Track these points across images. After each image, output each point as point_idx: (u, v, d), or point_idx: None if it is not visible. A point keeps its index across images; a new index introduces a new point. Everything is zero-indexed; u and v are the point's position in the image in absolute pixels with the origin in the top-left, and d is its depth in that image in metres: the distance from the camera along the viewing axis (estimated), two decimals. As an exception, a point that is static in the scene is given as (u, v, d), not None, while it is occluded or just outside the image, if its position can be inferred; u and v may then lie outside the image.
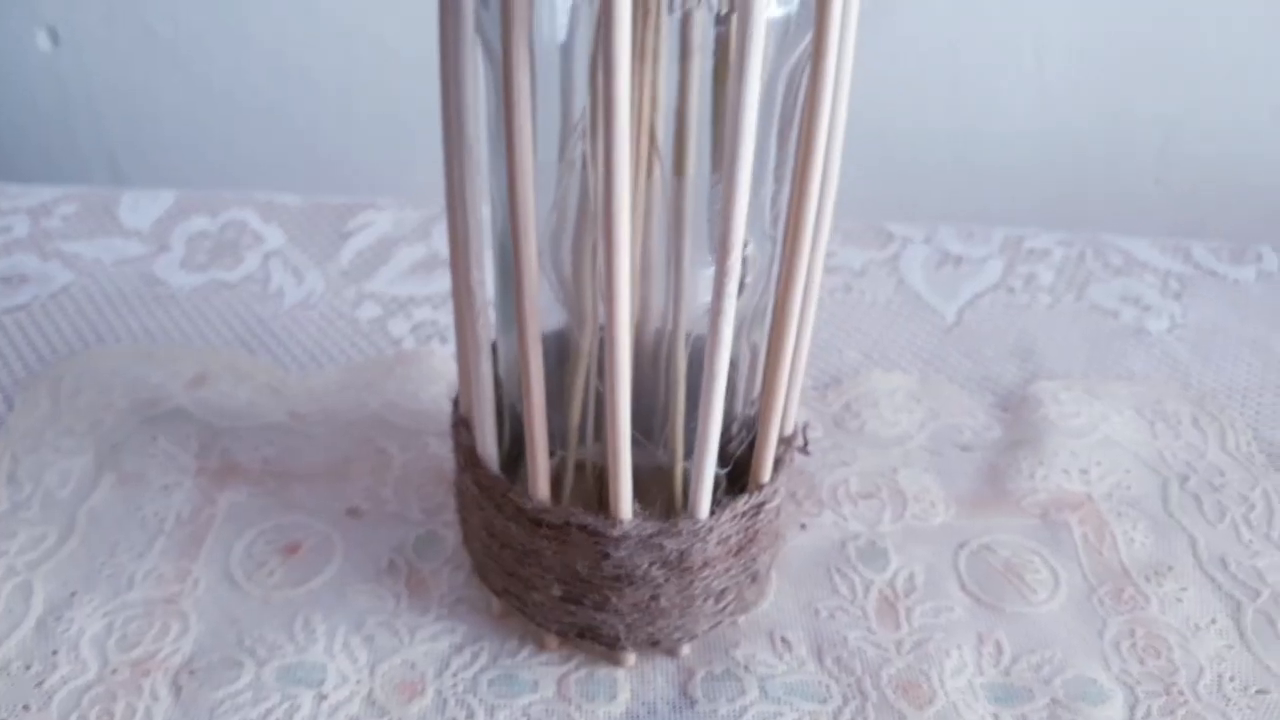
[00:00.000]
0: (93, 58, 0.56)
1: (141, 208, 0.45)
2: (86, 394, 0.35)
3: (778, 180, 0.24)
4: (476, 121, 0.22)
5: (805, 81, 0.21)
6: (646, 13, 0.19)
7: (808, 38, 0.21)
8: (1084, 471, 0.34)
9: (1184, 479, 0.34)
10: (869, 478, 0.34)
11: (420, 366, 0.37)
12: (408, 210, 0.46)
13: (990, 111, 0.53)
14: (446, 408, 0.35)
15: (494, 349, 0.27)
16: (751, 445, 0.26)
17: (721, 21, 0.20)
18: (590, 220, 0.23)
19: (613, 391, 0.22)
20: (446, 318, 0.40)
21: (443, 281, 0.42)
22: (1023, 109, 0.53)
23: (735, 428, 0.27)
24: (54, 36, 0.56)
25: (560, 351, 0.26)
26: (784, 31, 0.21)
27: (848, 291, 0.43)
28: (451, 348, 0.38)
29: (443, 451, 0.33)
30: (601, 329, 0.22)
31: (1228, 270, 0.45)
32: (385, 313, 0.40)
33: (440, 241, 0.44)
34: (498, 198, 0.24)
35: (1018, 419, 0.36)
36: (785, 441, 0.27)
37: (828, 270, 0.44)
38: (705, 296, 0.22)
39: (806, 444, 0.28)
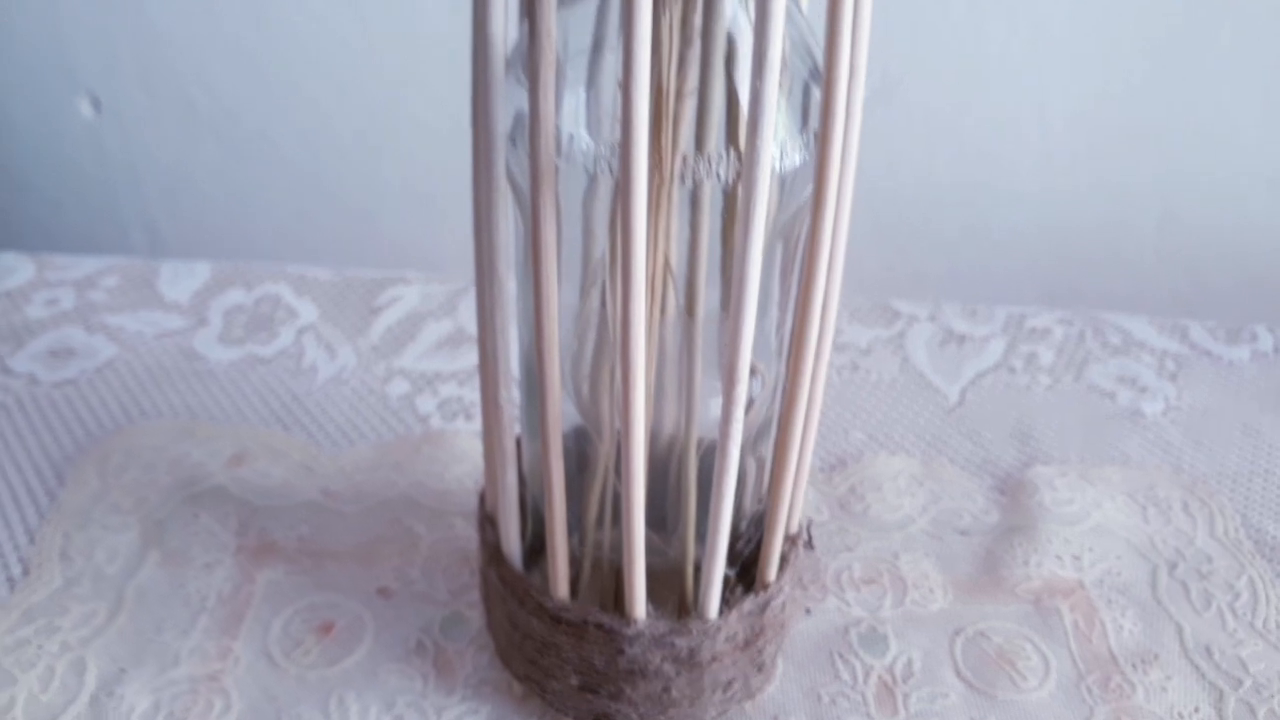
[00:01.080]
0: (133, 124, 0.59)
1: (180, 280, 0.47)
2: (132, 471, 0.37)
3: (781, 309, 0.25)
4: (507, 260, 0.24)
5: (805, 229, 0.23)
6: (661, 183, 0.21)
7: (808, 190, 0.23)
8: (1076, 558, 0.36)
9: (1173, 566, 0.36)
10: (871, 563, 0.35)
11: (446, 447, 0.39)
12: (434, 285, 0.48)
13: (995, 183, 0.55)
14: (471, 487, 0.37)
15: (518, 443, 0.29)
16: (759, 544, 0.28)
17: (729, 189, 0.22)
18: (608, 347, 0.25)
19: (629, 505, 0.24)
20: (471, 394, 0.42)
21: (467, 358, 0.44)
22: (1026, 181, 0.55)
23: (744, 525, 0.29)
24: (96, 103, 0.58)
25: (579, 448, 0.28)
26: (785, 186, 0.23)
27: (855, 370, 0.45)
28: (474, 425, 0.40)
29: (467, 532, 0.35)
30: (618, 434, 0.23)
31: (1223, 351, 0.47)
32: (413, 389, 0.42)
33: (464, 317, 0.46)
34: (524, 320, 0.26)
35: (1015, 504, 0.38)
36: (791, 540, 0.29)
37: (836, 348, 0.46)
38: (716, 411, 0.24)
39: (811, 540, 0.30)
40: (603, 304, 0.24)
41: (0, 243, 0.63)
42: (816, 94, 0.22)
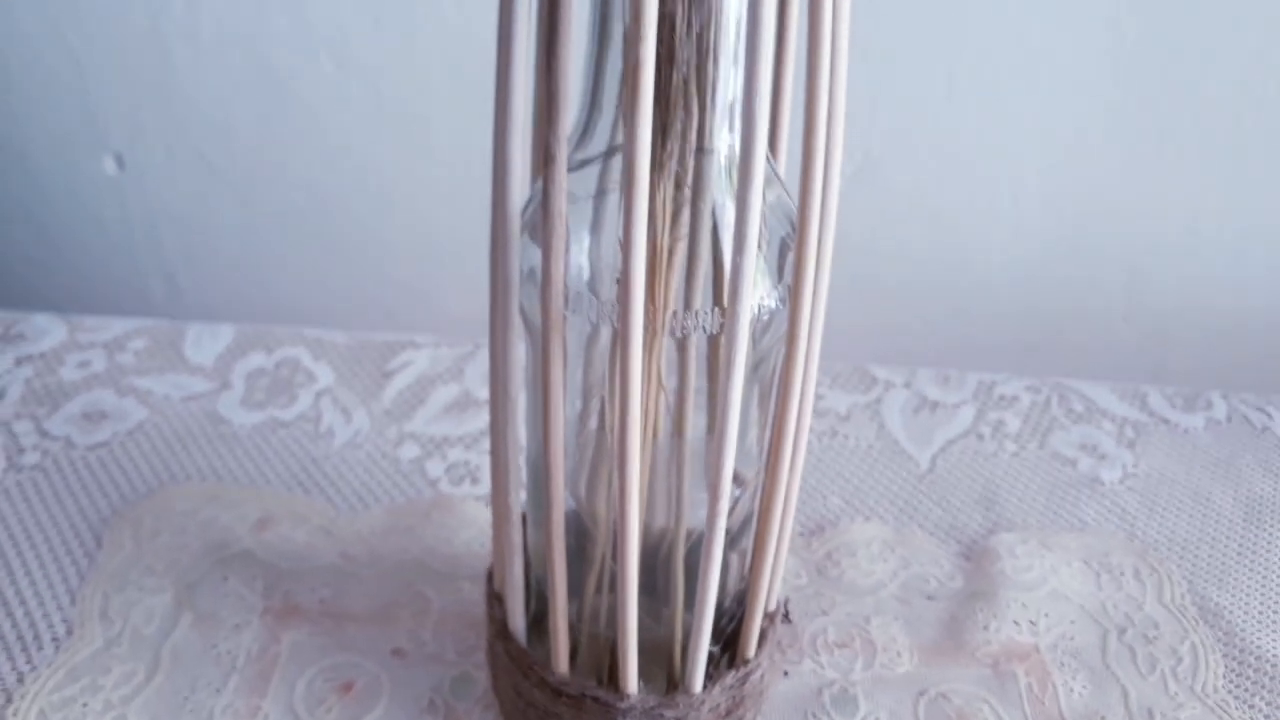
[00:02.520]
0: (154, 183, 0.62)
1: (204, 343, 0.50)
2: (164, 535, 0.40)
3: (761, 425, 0.29)
4: (519, 382, 0.27)
5: (780, 359, 0.26)
6: (654, 335, 0.24)
7: (783, 326, 0.26)
8: (1033, 623, 0.39)
9: (1122, 631, 0.39)
10: (845, 627, 0.39)
11: (454, 513, 0.42)
12: (443, 349, 0.51)
13: (970, 252, 0.58)
14: (477, 551, 0.40)
15: (524, 519, 0.32)
16: (742, 619, 0.31)
17: (713, 338, 0.25)
18: (605, 459, 0.28)
19: (623, 599, 0.27)
20: (476, 458, 0.45)
21: (473, 422, 0.47)
22: (1000, 249, 0.58)
23: (727, 603, 0.32)
24: (120, 162, 0.62)
25: (576, 526, 0.31)
26: (762, 327, 0.26)
27: (834, 436, 0.48)
28: (479, 489, 0.43)
29: (474, 596, 0.38)
30: (613, 528, 0.27)
31: (1180, 419, 0.50)
32: (423, 453, 0.45)
33: (470, 380, 0.49)
34: (531, 429, 0.29)
35: (978, 569, 0.41)
36: (770, 617, 0.32)
37: (817, 414, 0.49)
38: (702, 510, 0.27)
39: (789, 614, 0.33)
40: (600, 424, 0.27)
41: (25, 286, 0.66)
42: (792, 246, 0.25)
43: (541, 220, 0.23)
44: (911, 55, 0.53)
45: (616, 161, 0.24)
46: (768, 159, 0.26)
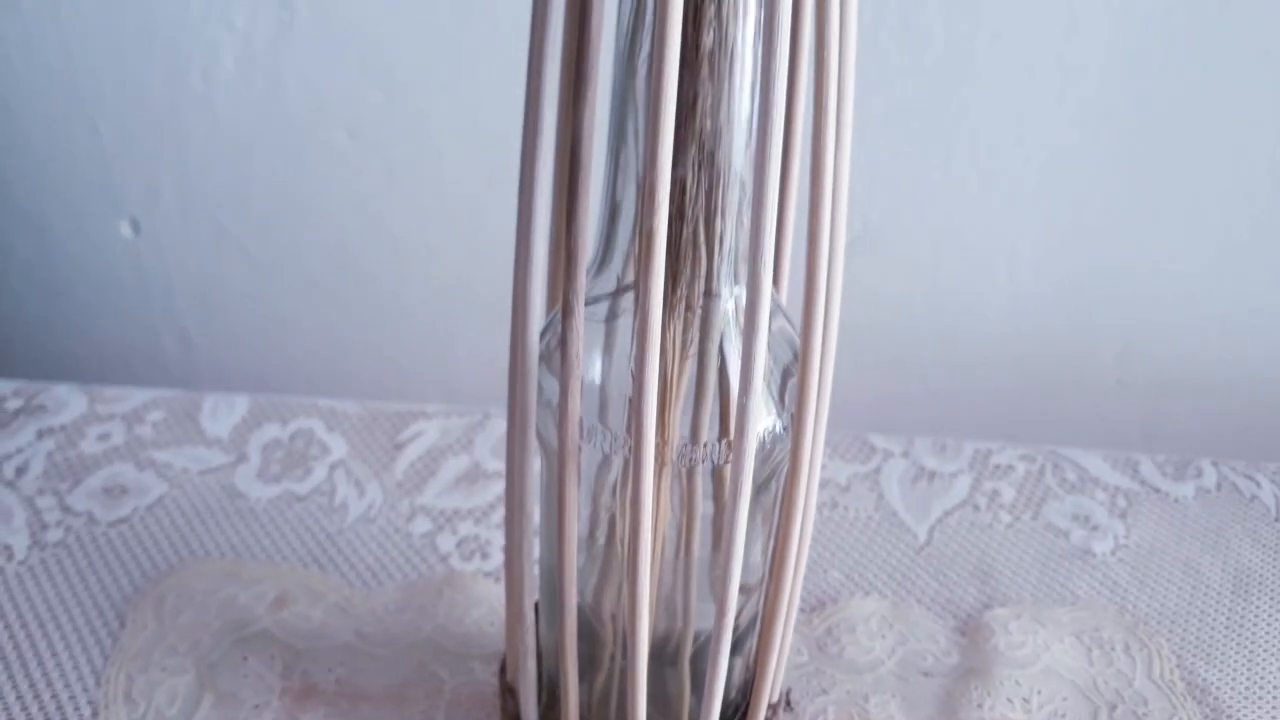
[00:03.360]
0: (169, 246, 0.63)
1: (220, 415, 0.52)
2: (186, 614, 0.41)
3: (765, 537, 0.30)
4: (534, 497, 0.28)
5: (784, 478, 0.28)
6: (663, 465, 0.26)
7: (785, 447, 0.27)
8: (1026, 700, 0.40)
9: (1113, 707, 0.41)
10: (844, 706, 0.40)
11: (464, 590, 0.43)
12: (453, 419, 0.52)
13: (968, 320, 0.60)
14: (487, 630, 0.42)
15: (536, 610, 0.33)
16: (746, 708, 0.33)
17: (718, 467, 0.26)
18: (613, 571, 0.29)
19: (632, 702, 0.29)
20: (485, 532, 0.46)
21: (483, 495, 0.48)
22: (997, 318, 0.60)
23: (733, 694, 0.34)
24: (135, 226, 0.63)
25: (588, 627, 0.32)
26: (765, 451, 0.27)
27: (834, 508, 0.49)
28: (489, 565, 0.45)
29: (485, 676, 0.40)
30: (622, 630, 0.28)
31: (1170, 488, 0.51)
32: (434, 527, 0.46)
33: (480, 452, 0.51)
34: (545, 539, 0.30)
35: (973, 645, 0.43)
36: (773, 708, 0.34)
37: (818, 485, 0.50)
38: (708, 613, 0.29)
39: (790, 702, 0.35)
40: (609, 538, 0.28)
41: (41, 345, 0.68)
42: (795, 373, 0.27)
43: (560, 365, 0.24)
44: (912, 133, 0.55)
45: (628, 293, 0.26)
46: (773, 295, 0.27)
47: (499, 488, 0.49)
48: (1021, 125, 0.54)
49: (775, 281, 0.28)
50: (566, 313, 0.24)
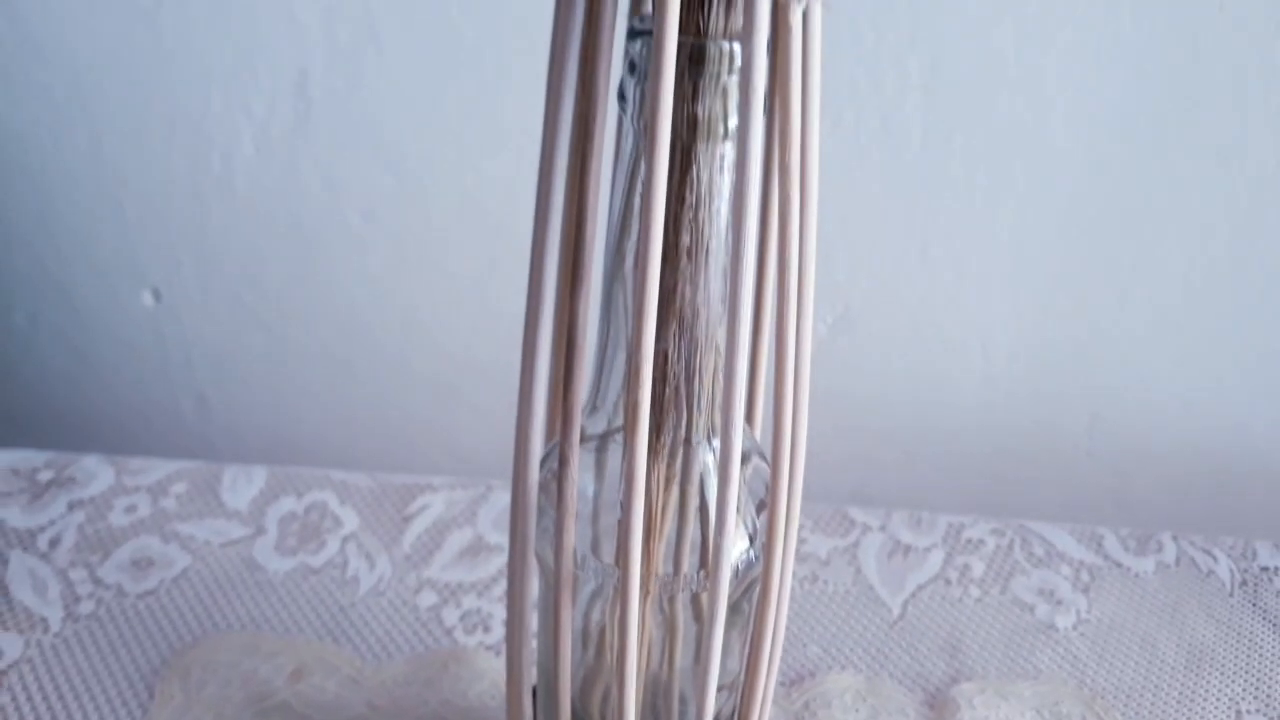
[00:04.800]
0: (189, 316, 0.67)
1: (239, 487, 0.55)
2: (210, 686, 0.45)
3: (741, 642, 0.33)
4: (531, 612, 0.32)
5: (756, 596, 0.31)
6: (647, 594, 0.29)
7: (757, 568, 0.31)
8: (988, 774, 0.44)
9: (1068, 780, 0.44)
10: (818, 779, 0.43)
11: (468, 665, 0.46)
12: (457, 490, 0.56)
13: (943, 397, 0.63)
14: (489, 704, 0.45)
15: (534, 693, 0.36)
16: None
17: (696, 594, 0.30)
18: (602, 673, 0.33)
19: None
20: (487, 606, 0.50)
21: (484, 569, 0.52)
22: (971, 394, 0.63)
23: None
24: (157, 296, 0.67)
25: (579, 716, 0.35)
26: (741, 576, 0.31)
27: (814, 582, 0.52)
28: (491, 638, 0.48)
29: (487, 748, 0.43)
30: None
31: (1132, 562, 0.55)
32: (440, 600, 0.50)
33: (483, 525, 0.54)
34: (542, 642, 0.34)
35: (940, 719, 0.46)
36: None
37: (799, 559, 0.54)
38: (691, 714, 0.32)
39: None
40: (598, 650, 0.32)
41: (67, 405, 0.71)
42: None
43: (556, 506, 0.28)
44: (890, 223, 0.58)
45: (618, 434, 0.29)
46: (748, 434, 0.31)
47: (500, 560, 0.52)
48: (993, 216, 0.58)
49: (749, 420, 0.32)
50: (562, 463, 0.27)
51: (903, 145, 0.56)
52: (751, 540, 0.31)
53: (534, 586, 0.32)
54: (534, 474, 0.29)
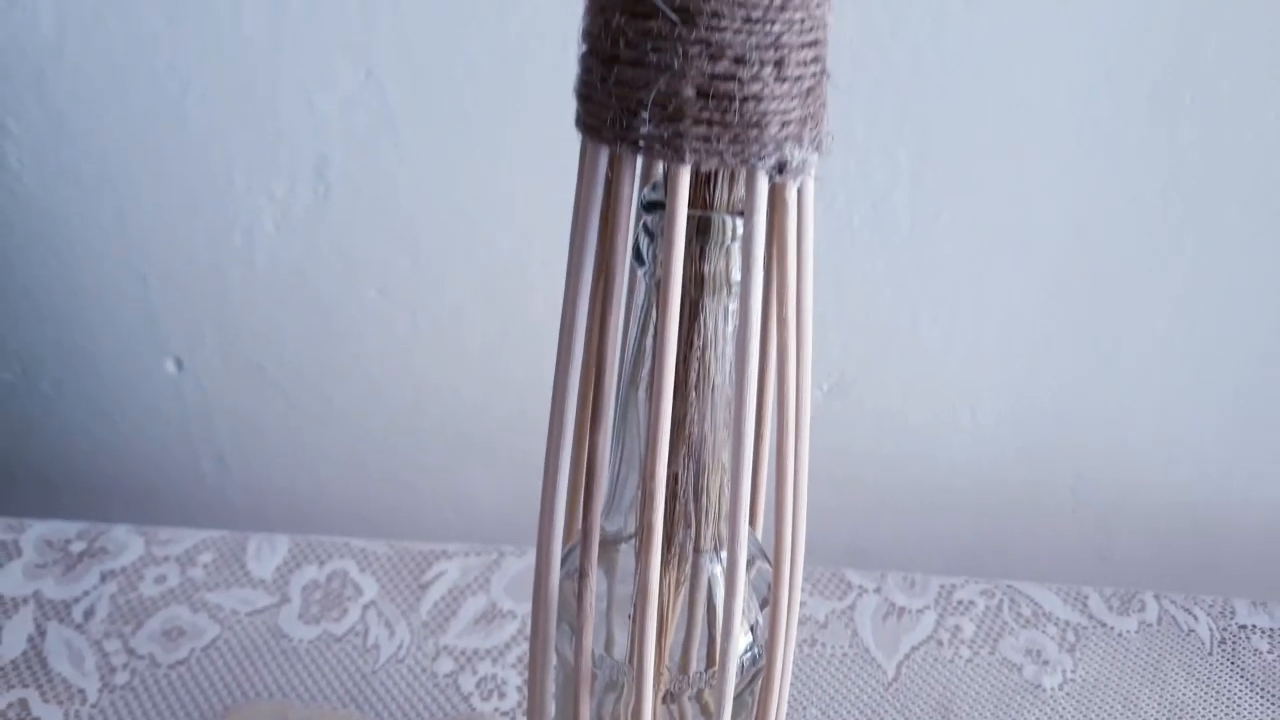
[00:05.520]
0: (209, 382, 0.69)
1: (264, 556, 0.57)
2: (241, 755, 0.47)
3: (746, 723, 0.36)
4: (551, 703, 0.34)
5: (760, 686, 0.34)
6: (660, 693, 0.32)
7: (761, 662, 0.33)
8: (979, 835, 0.46)
9: (1054, 839, 0.46)
10: (818, 841, 0.46)
11: (486, 732, 0.49)
12: (471, 558, 0.58)
13: (934, 457, 0.66)
14: (507, 770, 0.47)
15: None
16: None
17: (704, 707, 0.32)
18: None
19: None
20: (502, 672, 0.52)
21: (498, 635, 0.54)
22: (961, 454, 0.66)
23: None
24: (179, 364, 0.69)
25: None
26: (746, 668, 0.33)
27: (813, 645, 0.55)
28: (506, 704, 0.50)
29: (505, 813, 0.45)
30: None
31: (1115, 621, 0.57)
32: (456, 666, 0.52)
33: (496, 591, 0.56)
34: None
35: (934, 781, 0.48)
36: None
37: (799, 622, 0.56)
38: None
39: None
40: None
41: (93, 468, 0.74)
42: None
43: (576, 615, 0.30)
44: (882, 298, 0.61)
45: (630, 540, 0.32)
46: (750, 537, 0.33)
47: (512, 627, 0.55)
48: (979, 288, 0.61)
49: (752, 523, 0.34)
50: (582, 575, 0.30)
51: (892, 227, 0.59)
52: (753, 630, 0.34)
53: (553, 680, 0.34)
54: (554, 585, 0.31)
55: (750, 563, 0.33)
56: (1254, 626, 0.57)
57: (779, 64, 0.24)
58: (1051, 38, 0.54)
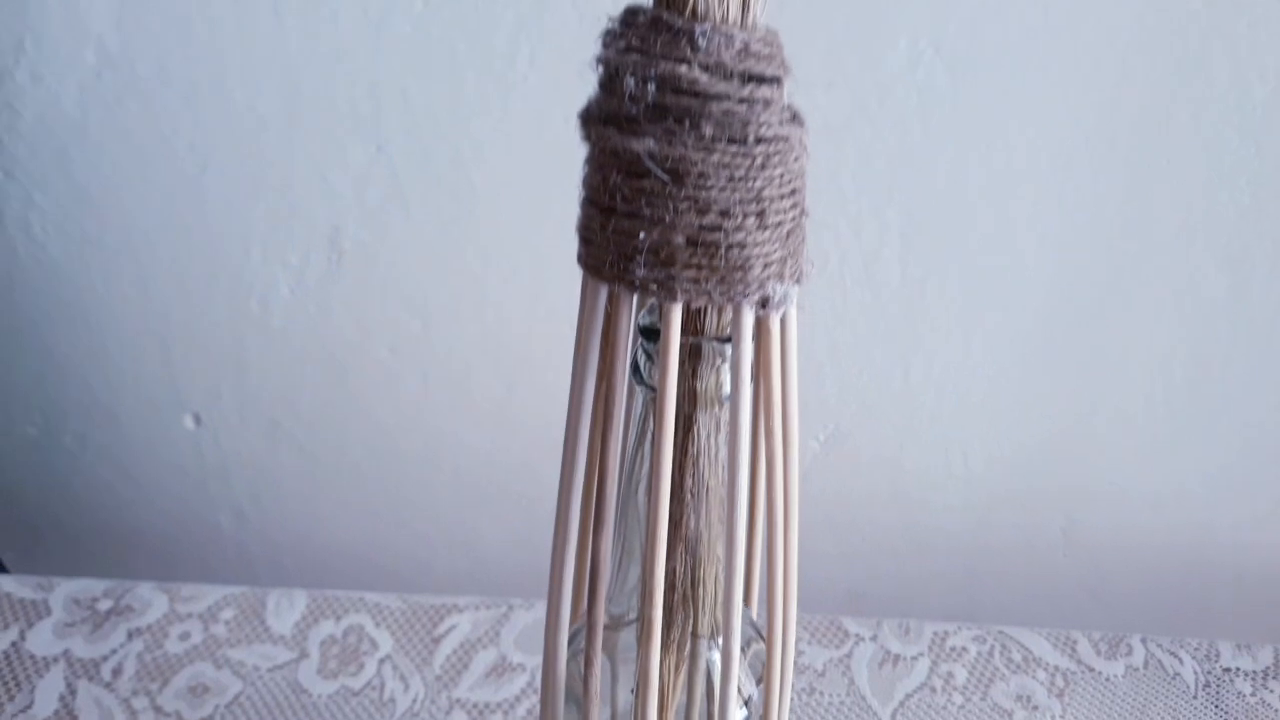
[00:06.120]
0: (227, 438, 0.72)
1: (283, 612, 0.60)
2: (266, 811, 0.50)
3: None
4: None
5: (758, 756, 0.36)
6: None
7: (759, 733, 0.36)
8: None
9: None
10: None
11: (500, 785, 0.51)
12: (482, 611, 0.61)
13: (927, 502, 0.68)
14: (519, 822, 0.50)
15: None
16: None
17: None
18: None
19: None
20: (514, 724, 0.54)
21: (508, 688, 0.56)
22: (954, 497, 0.68)
23: None
24: (198, 420, 0.72)
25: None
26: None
27: (811, 694, 0.57)
28: (519, 756, 0.53)
29: None
30: None
31: (1103, 666, 0.60)
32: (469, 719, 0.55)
33: (505, 644, 0.59)
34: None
35: (928, 827, 0.51)
36: None
37: (798, 670, 0.59)
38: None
39: None
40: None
41: (117, 521, 0.76)
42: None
43: (582, 697, 0.33)
44: (875, 353, 0.63)
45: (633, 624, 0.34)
46: (747, 618, 0.36)
47: (522, 680, 0.57)
48: (968, 340, 0.63)
49: (747, 602, 0.37)
50: (588, 663, 0.32)
51: (883, 284, 0.61)
52: (748, 705, 0.36)
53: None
54: (562, 669, 0.34)
55: (747, 645, 0.35)
56: (1238, 669, 0.59)
57: (760, 214, 0.26)
58: (1031, 105, 0.57)
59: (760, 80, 0.25)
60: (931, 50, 0.54)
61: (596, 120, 0.26)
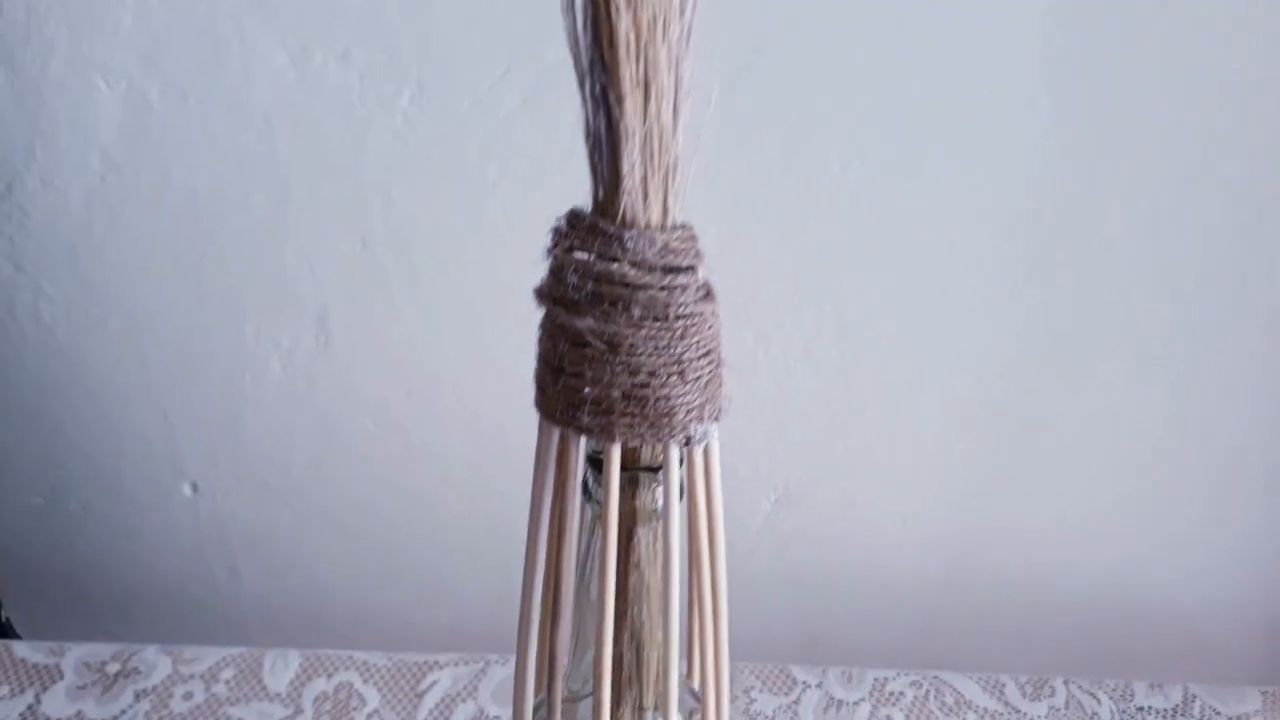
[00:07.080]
0: (223, 503, 0.77)
1: (278, 670, 0.65)
2: None
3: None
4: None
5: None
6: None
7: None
8: None
9: None
10: None
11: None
12: (460, 667, 0.66)
13: (870, 559, 0.74)
14: None
15: None
16: None
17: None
18: None
19: None
20: (492, 773, 0.60)
21: (488, 739, 0.62)
22: (896, 554, 0.74)
23: None
24: (195, 487, 0.77)
25: None
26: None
27: (762, 738, 0.63)
28: (496, 802, 0.58)
29: None
30: None
31: (1028, 708, 0.65)
32: (450, 770, 0.60)
33: (483, 698, 0.64)
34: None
35: None
36: None
37: (751, 717, 0.64)
38: None
39: None
40: None
41: (118, 583, 0.81)
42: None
43: (546, 764, 0.38)
44: (819, 423, 0.69)
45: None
46: (685, 686, 0.41)
47: (500, 730, 0.63)
48: (901, 415, 0.69)
49: (689, 675, 0.43)
50: (550, 735, 0.38)
51: (821, 364, 0.67)
52: (693, 763, 0.42)
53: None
54: (529, 734, 0.39)
55: (690, 714, 0.41)
56: (1150, 708, 0.65)
57: (682, 373, 0.32)
58: (949, 209, 0.63)
59: (678, 270, 0.31)
60: (859, 163, 0.60)
61: (547, 298, 0.32)
